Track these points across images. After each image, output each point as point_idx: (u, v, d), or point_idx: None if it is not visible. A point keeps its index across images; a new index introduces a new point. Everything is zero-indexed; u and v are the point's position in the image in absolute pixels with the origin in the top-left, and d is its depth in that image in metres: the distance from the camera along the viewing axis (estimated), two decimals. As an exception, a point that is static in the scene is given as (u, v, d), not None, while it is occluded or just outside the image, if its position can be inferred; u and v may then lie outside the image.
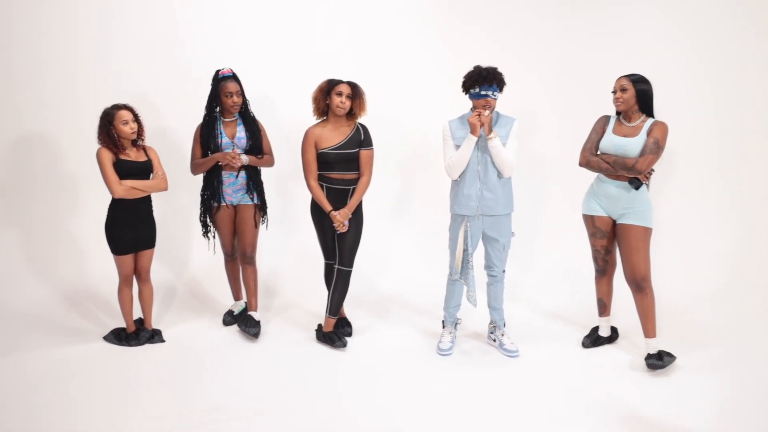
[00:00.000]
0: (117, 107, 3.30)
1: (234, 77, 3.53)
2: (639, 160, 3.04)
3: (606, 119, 3.32)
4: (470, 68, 3.22)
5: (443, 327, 3.56)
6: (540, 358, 3.34)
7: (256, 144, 3.60)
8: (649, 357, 3.17)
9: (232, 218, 3.68)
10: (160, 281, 4.18)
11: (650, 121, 3.15)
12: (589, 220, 3.37)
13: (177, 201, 4.52)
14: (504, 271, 3.44)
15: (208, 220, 3.72)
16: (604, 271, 3.47)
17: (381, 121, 3.96)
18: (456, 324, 3.55)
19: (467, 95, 3.25)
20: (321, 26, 4.64)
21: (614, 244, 3.37)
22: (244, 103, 3.59)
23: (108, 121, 3.27)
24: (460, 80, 3.26)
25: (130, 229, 3.38)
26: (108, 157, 3.27)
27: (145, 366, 3.24)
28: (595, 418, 2.70)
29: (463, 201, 3.27)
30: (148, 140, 3.53)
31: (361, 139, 3.43)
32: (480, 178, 3.23)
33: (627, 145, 3.11)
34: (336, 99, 3.33)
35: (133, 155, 3.36)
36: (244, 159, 3.52)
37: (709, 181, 4.33)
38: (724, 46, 4.23)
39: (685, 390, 2.95)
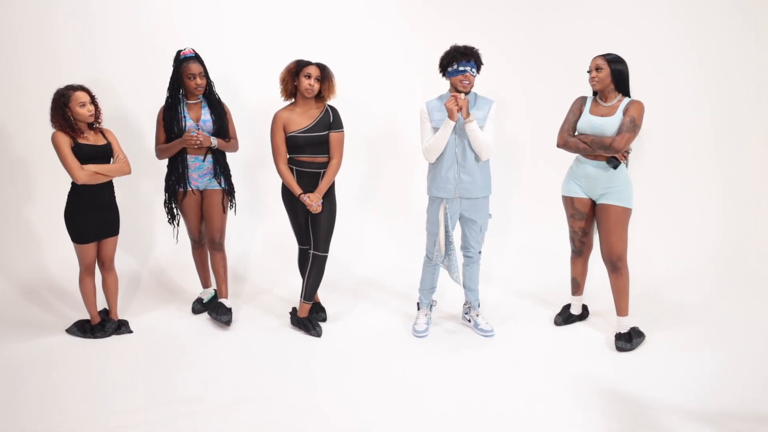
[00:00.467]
0: (72, 88, 3.12)
1: (196, 58, 3.39)
2: (616, 139, 3.06)
3: (582, 100, 3.34)
4: (446, 48, 3.19)
5: (418, 309, 3.56)
6: (515, 338, 3.38)
7: (222, 127, 3.48)
8: (618, 338, 3.24)
9: (198, 204, 3.56)
10: (123, 270, 4.03)
11: (626, 100, 3.16)
12: (569, 202, 3.39)
13: (138, 186, 4.36)
14: (480, 252, 3.46)
15: (174, 206, 3.60)
16: (580, 252, 3.51)
17: (348, 104, 3.89)
18: (431, 306, 3.56)
19: (444, 76, 3.21)
20: (286, 6, 4.51)
21: (592, 226, 3.40)
22: (209, 84, 3.45)
23: (63, 102, 3.08)
24: (429, 62, 3.23)
25: (93, 216, 3.23)
26: (66, 141, 3.09)
27: (114, 358, 3.12)
28: (573, 394, 2.75)
29: (441, 183, 3.25)
30: (107, 125, 3.37)
31: (330, 122, 3.35)
32: (458, 161, 3.21)
33: (604, 124, 3.13)
34: (304, 81, 3.25)
35: (91, 139, 3.20)
36: (214, 141, 3.40)
37: (686, 161, 4.39)
38: (708, 24, 4.25)
39: (658, 365, 3.02)
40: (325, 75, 3.30)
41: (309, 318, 3.48)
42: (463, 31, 4.41)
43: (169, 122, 3.39)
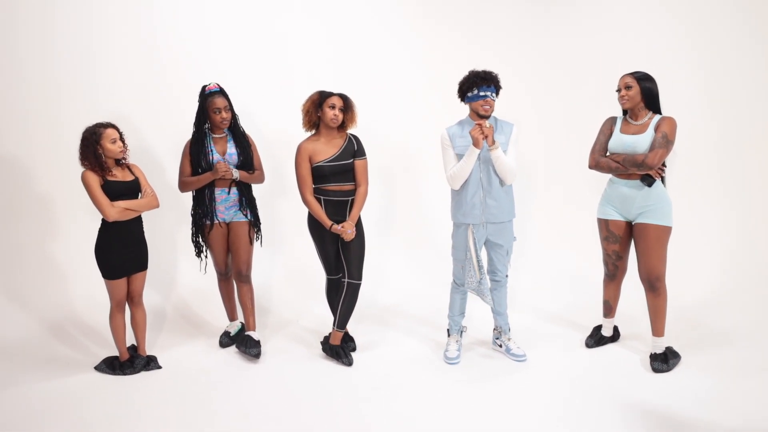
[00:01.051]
0: (102, 125, 3.14)
1: (221, 92, 3.43)
2: (648, 155, 3.02)
3: (612, 120, 3.30)
4: (464, 74, 3.20)
5: (449, 335, 3.52)
6: (548, 361, 3.34)
7: (247, 160, 3.51)
8: (654, 359, 3.19)
9: (225, 236, 3.57)
10: (149, 305, 3.98)
11: (657, 117, 3.12)
12: (603, 224, 3.34)
13: (161, 220, 4.35)
14: (507, 276, 3.44)
15: (201, 239, 3.60)
16: (613, 276, 3.45)
17: (363, 131, 3.92)
18: (461, 332, 3.52)
19: (464, 101, 3.22)
20: (300, 38, 4.58)
21: (627, 250, 3.34)
22: (233, 118, 3.50)
23: (94, 140, 3.10)
24: (445, 86, 3.23)
25: (123, 252, 3.22)
26: (95, 180, 3.11)
27: (145, 395, 3.07)
28: (611, 417, 2.71)
29: (467, 210, 3.24)
30: (147, 160, 3.40)
31: (355, 150, 3.39)
32: (483, 186, 3.20)
33: (635, 142, 3.10)
34: (329, 112, 3.29)
35: (119, 175, 3.21)
36: (235, 174, 3.42)
37: (711, 179, 4.38)
38: (718, 39, 4.31)
39: (695, 387, 2.98)
40: (347, 105, 3.35)
41: (342, 346, 3.45)
42: (480, 51, 4.50)
43: (196, 156, 3.42)
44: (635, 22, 4.46)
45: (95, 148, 3.10)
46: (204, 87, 3.44)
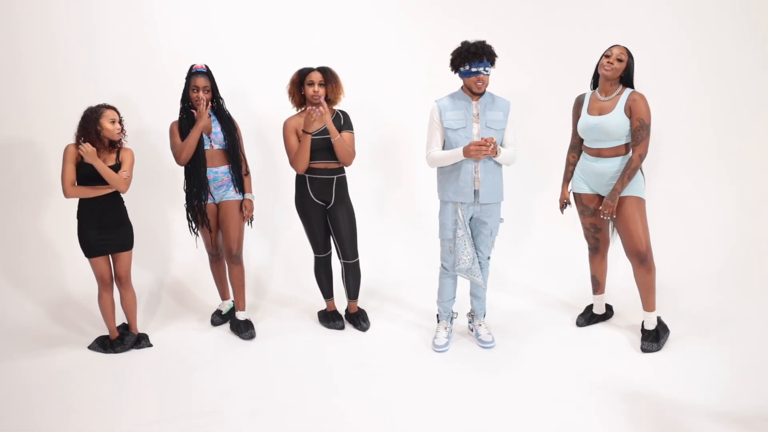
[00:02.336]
0: (104, 106, 3.20)
1: (206, 73, 3.39)
2: (634, 157, 2.99)
3: (580, 101, 3.25)
4: (457, 45, 3.03)
5: (438, 322, 3.44)
6: (538, 342, 3.31)
7: (233, 142, 3.46)
8: (645, 338, 3.14)
9: (215, 216, 3.57)
10: (142, 284, 4.08)
11: (627, 92, 3.03)
12: (577, 198, 3.32)
13: (155, 201, 4.40)
14: (489, 258, 3.32)
15: (192, 217, 3.55)
16: (596, 249, 3.42)
17: (356, 109, 3.88)
18: (452, 318, 3.43)
19: (456, 73, 3.07)
20: (297, 18, 4.53)
21: (604, 222, 3.32)
22: (216, 100, 3.44)
23: (95, 118, 3.14)
24: (437, 62, 3.12)
25: (100, 231, 3.25)
26: (72, 155, 3.16)
27: (133, 371, 3.12)
28: (599, 398, 2.68)
29: (459, 187, 3.08)
30: (144, 145, 3.40)
31: (341, 124, 3.34)
32: (475, 165, 3.06)
33: (601, 123, 3.04)
34: (309, 89, 3.23)
35: (102, 158, 3.22)
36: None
37: (706, 156, 4.28)
38: (714, 22, 4.18)
39: (682, 366, 2.94)
40: (327, 78, 3.26)
41: (357, 314, 3.64)
42: (474, 30, 4.37)
43: (185, 133, 3.38)
44: (638, 10, 4.32)
45: (95, 125, 3.14)
46: (192, 66, 3.42)
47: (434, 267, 3.60)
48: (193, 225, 3.54)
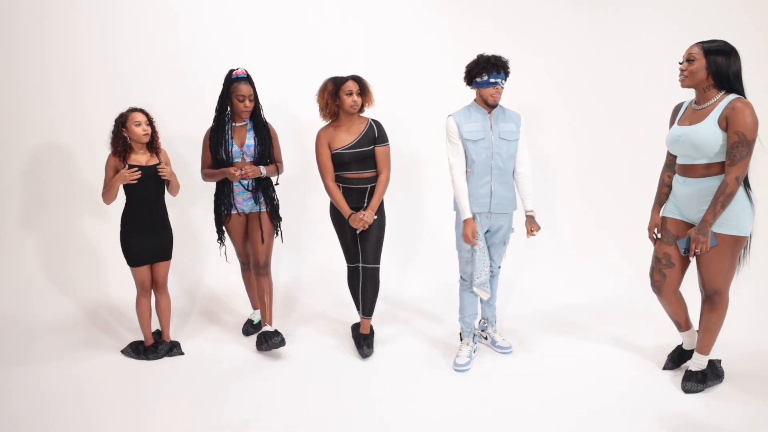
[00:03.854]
0: (131, 110, 3.22)
1: (248, 79, 3.33)
2: (729, 180, 2.44)
3: (677, 108, 2.79)
4: (473, 58, 3.04)
5: (461, 339, 3.33)
6: (562, 367, 3.17)
7: (265, 153, 3.39)
8: (688, 378, 2.80)
9: (243, 226, 3.52)
10: (177, 292, 4.08)
11: (727, 99, 2.48)
12: (662, 222, 2.86)
13: (191, 210, 4.42)
14: (500, 267, 3.33)
15: (221, 228, 3.55)
16: (659, 289, 2.85)
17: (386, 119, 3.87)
18: (475, 336, 3.33)
19: (471, 86, 3.06)
20: (328, 24, 4.53)
21: (682, 259, 2.80)
22: (257, 107, 3.39)
23: (121, 122, 3.19)
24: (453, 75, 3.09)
25: (144, 239, 3.27)
26: (111, 165, 3.20)
27: (164, 380, 3.11)
28: (627, 420, 2.55)
29: (475, 198, 3.08)
30: (173, 150, 3.42)
31: (375, 136, 3.29)
32: (493, 174, 3.06)
33: (687, 134, 2.55)
34: (347, 99, 3.20)
35: (143, 160, 3.24)
36: (263, 171, 3.36)
37: None
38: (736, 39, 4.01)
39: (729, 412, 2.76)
40: (363, 87, 3.26)
41: (366, 336, 3.40)
42: (505, 43, 4.33)
43: (215, 146, 3.35)
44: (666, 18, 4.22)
45: (120, 131, 3.17)
46: (231, 71, 3.33)
47: (454, 281, 3.50)
48: (220, 237, 3.56)
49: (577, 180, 4.59)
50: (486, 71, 2.96)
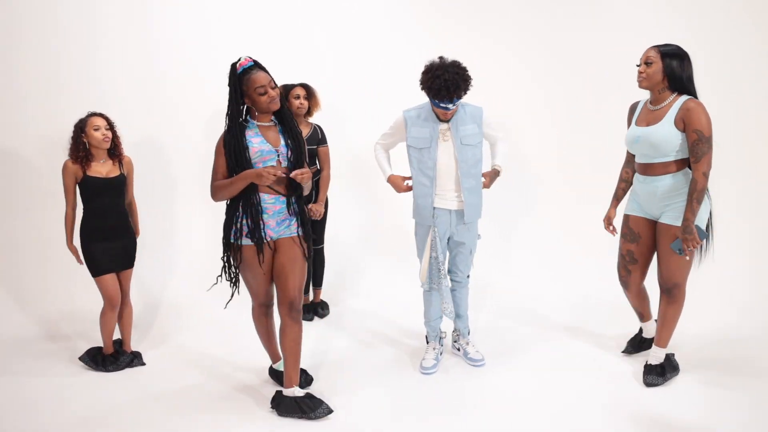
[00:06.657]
0: (90, 114, 3.17)
1: (258, 65, 2.59)
2: (697, 177, 2.56)
3: (633, 108, 2.90)
4: (430, 63, 2.79)
5: (427, 343, 3.35)
6: (527, 363, 3.24)
7: (300, 155, 2.68)
8: (649, 371, 2.92)
9: (271, 257, 2.70)
10: (140, 301, 4.02)
11: (680, 101, 2.62)
12: (624, 219, 2.98)
13: (158, 216, 4.33)
14: (468, 276, 3.26)
15: (234, 263, 2.68)
16: (626, 284, 3.02)
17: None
18: (440, 339, 3.33)
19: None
20: (298, 31, 4.58)
21: (644, 255, 2.94)
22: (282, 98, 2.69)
23: (80, 128, 3.12)
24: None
25: (106, 246, 3.18)
26: (70, 173, 3.12)
27: (124, 391, 3.01)
28: (602, 422, 2.59)
29: (419, 207, 3.05)
30: (142, 157, 3.33)
31: (319, 138, 3.78)
32: (457, 183, 2.97)
33: (645, 135, 2.67)
34: (295, 102, 3.64)
35: (103, 170, 3.17)
36: (307, 184, 2.68)
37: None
38: (723, 38, 4.14)
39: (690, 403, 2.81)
40: (310, 92, 3.72)
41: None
42: (493, 44, 4.52)
43: (233, 152, 2.54)
44: (649, 16, 4.35)
45: (80, 136, 3.11)
46: (234, 65, 2.56)
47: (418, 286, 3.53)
48: (233, 270, 2.71)
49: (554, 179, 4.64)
50: (437, 97, 2.76)
